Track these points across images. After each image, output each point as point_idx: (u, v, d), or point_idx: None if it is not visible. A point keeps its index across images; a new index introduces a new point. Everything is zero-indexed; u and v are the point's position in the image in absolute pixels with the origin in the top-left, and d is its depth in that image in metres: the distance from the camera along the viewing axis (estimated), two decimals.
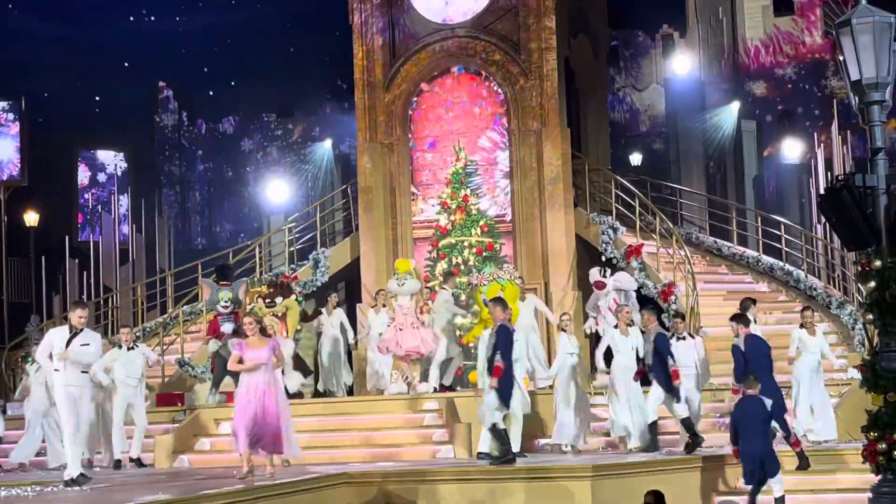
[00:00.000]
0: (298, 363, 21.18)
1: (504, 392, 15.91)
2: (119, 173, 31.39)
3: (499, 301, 16.73)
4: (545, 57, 24.73)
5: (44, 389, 17.58)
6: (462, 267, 22.44)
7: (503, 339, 15.84)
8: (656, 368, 17.19)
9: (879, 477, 10.19)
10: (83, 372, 15.36)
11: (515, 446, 16.44)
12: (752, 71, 38.37)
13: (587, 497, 14.33)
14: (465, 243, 23.19)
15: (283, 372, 17.87)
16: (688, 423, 16.89)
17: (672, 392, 17.00)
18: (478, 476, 15.40)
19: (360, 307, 23.47)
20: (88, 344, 15.13)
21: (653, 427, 17.21)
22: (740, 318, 17.67)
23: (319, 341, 22.19)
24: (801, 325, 17.76)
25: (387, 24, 25.56)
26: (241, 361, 15.20)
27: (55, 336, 15.19)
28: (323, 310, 21.87)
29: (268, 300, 21.28)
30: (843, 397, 18.06)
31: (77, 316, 15.20)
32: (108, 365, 18.57)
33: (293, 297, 22.09)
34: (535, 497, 14.45)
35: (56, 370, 15.08)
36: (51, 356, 15.27)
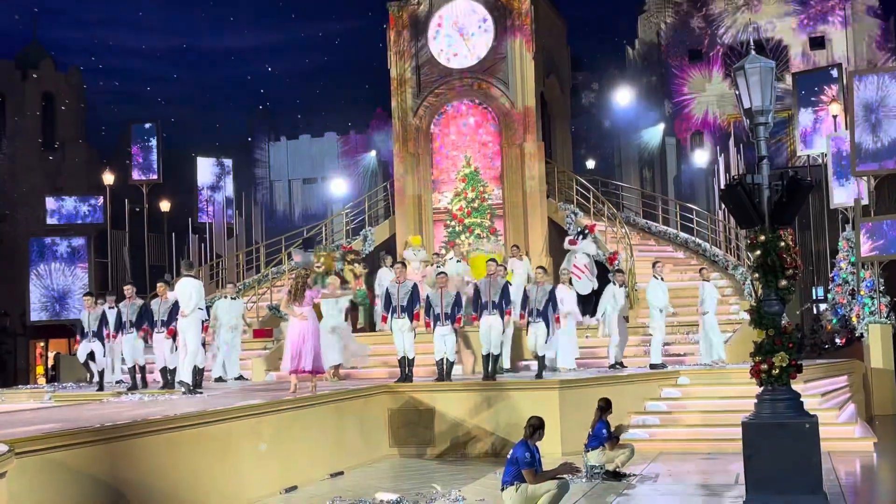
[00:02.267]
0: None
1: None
2: (226, 173, 31.30)
3: (492, 262, 16.83)
4: (526, 92, 24.64)
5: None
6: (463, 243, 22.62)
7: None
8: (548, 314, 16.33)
9: (762, 388, 10.26)
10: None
11: (507, 364, 16.11)
12: (675, 102, 38.10)
13: (556, 402, 14.11)
14: (476, 230, 23.15)
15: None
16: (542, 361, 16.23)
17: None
18: (478, 388, 15.30)
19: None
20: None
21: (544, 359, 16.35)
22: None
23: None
24: (703, 279, 17.66)
25: (414, 68, 25.54)
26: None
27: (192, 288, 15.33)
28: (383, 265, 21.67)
29: (355, 263, 21.59)
30: (737, 332, 18.02)
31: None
32: (215, 311, 18.40)
33: (361, 262, 22.80)
34: (520, 402, 14.51)
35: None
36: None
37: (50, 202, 32.67)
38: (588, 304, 19.82)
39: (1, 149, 43.83)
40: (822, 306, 23.79)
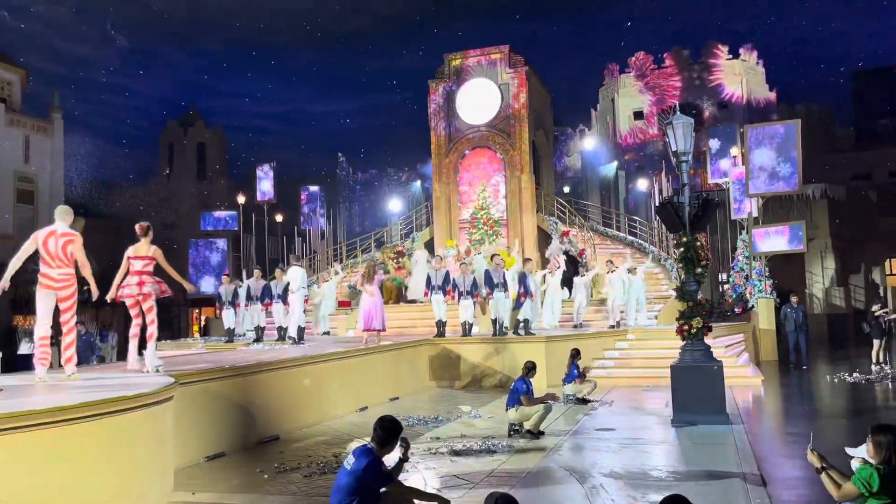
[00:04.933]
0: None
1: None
2: (319, 197, 31.41)
3: (496, 256, 16.53)
4: (523, 141, 24.58)
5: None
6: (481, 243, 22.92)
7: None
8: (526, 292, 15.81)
9: (684, 342, 10.16)
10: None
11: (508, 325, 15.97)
12: (623, 147, 37.91)
13: (542, 352, 14.01)
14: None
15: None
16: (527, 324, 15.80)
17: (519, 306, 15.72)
18: (490, 342, 15.22)
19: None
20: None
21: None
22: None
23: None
24: (629, 269, 17.58)
25: (447, 124, 25.53)
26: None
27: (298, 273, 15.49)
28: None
29: (399, 259, 21.75)
30: (666, 304, 17.85)
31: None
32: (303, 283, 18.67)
33: (405, 257, 22.37)
34: (518, 351, 14.36)
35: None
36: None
37: (202, 216, 33.00)
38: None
39: (170, 180, 44.32)
40: (725, 286, 23.55)
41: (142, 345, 8.55)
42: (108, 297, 8.23)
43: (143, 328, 8.44)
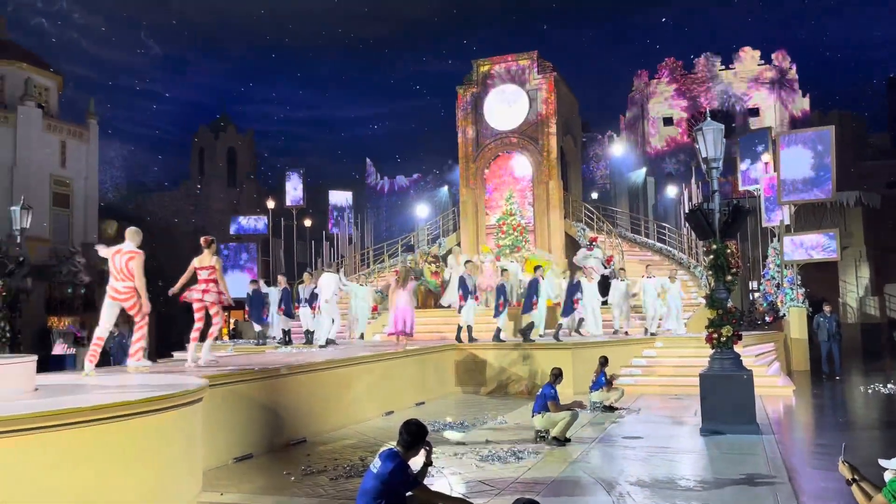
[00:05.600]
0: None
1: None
2: (348, 202, 31.61)
3: (536, 268, 16.31)
4: (550, 147, 24.52)
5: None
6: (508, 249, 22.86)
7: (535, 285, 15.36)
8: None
9: (713, 350, 10.06)
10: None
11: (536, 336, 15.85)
12: (652, 153, 37.60)
13: (569, 359, 13.99)
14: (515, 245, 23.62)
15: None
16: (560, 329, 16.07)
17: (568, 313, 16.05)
18: (513, 348, 15.12)
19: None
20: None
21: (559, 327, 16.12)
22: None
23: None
24: (669, 277, 17.30)
25: (474, 130, 25.57)
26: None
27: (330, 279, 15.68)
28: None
29: (433, 263, 21.84)
30: (696, 312, 17.65)
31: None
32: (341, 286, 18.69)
33: (440, 262, 23.07)
34: (545, 358, 14.27)
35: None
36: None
37: (232, 220, 33.42)
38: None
39: (201, 185, 44.92)
40: (756, 295, 23.22)
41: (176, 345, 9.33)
42: (171, 292, 9.43)
43: (200, 327, 9.63)
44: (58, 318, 29.07)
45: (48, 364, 17.78)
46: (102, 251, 8.67)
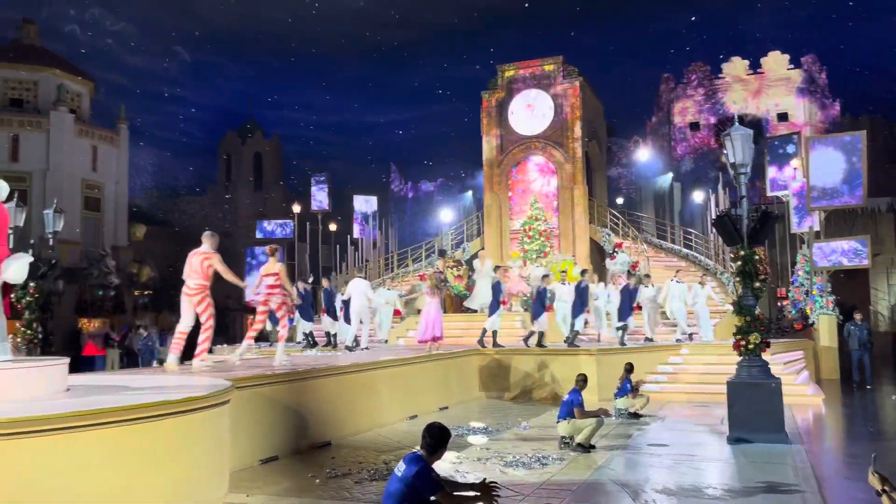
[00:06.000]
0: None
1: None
2: (372, 206, 31.70)
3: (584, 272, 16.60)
4: (575, 151, 24.47)
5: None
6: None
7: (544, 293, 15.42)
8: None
9: (741, 357, 9.95)
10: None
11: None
12: (678, 158, 37.32)
13: (594, 365, 13.90)
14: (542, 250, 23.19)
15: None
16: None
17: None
18: (539, 353, 15.05)
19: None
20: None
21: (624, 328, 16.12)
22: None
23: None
24: (700, 283, 17.05)
25: (499, 135, 25.65)
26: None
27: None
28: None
29: (455, 268, 21.77)
30: (722, 318, 17.47)
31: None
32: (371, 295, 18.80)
33: (464, 267, 22.80)
34: (569, 364, 14.14)
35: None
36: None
37: (258, 225, 33.72)
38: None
39: (227, 190, 45.44)
40: (785, 302, 22.91)
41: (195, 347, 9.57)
42: (247, 298, 10.09)
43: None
44: (88, 320, 29.57)
45: (79, 365, 18.10)
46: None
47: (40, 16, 46.14)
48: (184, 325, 9.27)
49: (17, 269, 6.35)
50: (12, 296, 13.70)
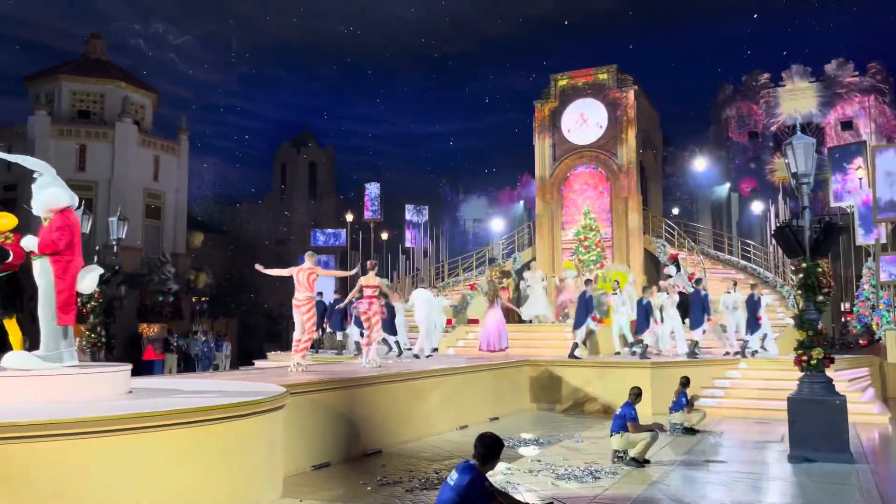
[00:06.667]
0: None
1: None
2: (424, 215, 31.92)
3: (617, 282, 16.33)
4: (630, 161, 24.17)
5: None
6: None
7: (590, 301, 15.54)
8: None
9: (803, 373, 9.65)
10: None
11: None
12: (737, 167, 36.52)
13: (648, 378, 13.52)
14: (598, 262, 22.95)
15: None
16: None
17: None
18: (591, 365, 14.94)
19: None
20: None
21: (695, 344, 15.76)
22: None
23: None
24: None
25: (551, 145, 25.45)
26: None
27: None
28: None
29: (501, 279, 21.63)
30: (783, 332, 16.96)
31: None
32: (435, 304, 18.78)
33: (511, 277, 22.10)
34: (623, 376, 13.81)
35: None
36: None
37: (313, 233, 34.32)
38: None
39: (283, 199, 46.33)
40: (849, 316, 22.16)
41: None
42: (343, 305, 12.84)
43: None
44: (147, 326, 30.46)
45: (139, 369, 18.67)
46: (274, 272, 10.81)
47: (108, 31, 47.99)
48: (299, 332, 10.70)
49: (89, 280, 6.90)
50: (78, 300, 14.22)
